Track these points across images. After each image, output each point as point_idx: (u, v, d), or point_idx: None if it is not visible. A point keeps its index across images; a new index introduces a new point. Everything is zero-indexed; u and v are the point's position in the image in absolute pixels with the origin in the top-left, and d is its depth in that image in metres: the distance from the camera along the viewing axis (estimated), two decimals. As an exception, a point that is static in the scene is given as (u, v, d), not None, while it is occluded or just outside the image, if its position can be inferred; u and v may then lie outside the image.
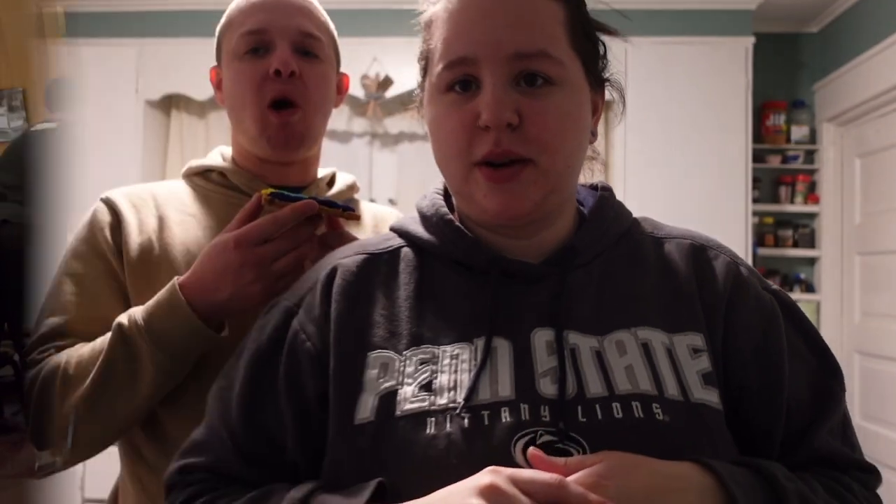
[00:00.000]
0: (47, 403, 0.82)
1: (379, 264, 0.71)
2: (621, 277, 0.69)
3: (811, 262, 3.38)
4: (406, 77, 3.12)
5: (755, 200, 3.22)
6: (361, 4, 3.14)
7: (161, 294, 0.82)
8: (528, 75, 0.63)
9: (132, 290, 0.90)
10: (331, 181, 1.08)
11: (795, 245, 3.35)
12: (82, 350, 0.84)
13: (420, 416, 0.60)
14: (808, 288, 3.33)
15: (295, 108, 0.92)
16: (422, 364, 0.63)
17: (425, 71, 0.71)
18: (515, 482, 0.53)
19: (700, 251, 0.72)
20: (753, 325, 0.68)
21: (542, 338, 0.64)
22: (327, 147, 4.12)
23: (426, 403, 0.60)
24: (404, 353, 0.64)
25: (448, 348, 0.64)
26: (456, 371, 0.62)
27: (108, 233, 0.91)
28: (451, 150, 0.66)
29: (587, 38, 0.69)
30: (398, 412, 0.60)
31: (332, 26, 1.01)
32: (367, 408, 0.61)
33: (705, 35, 3.07)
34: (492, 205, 0.65)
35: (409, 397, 0.61)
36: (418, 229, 0.73)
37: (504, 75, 0.63)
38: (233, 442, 0.67)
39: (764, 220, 3.35)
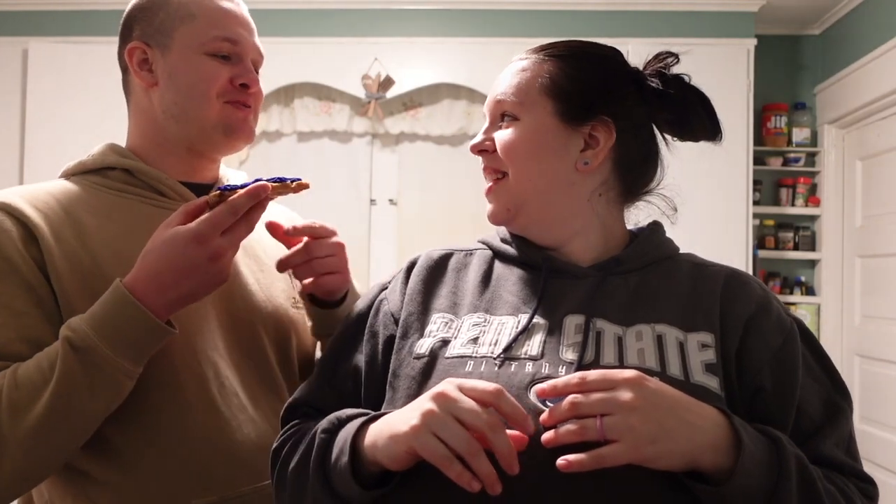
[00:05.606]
0: None
1: (456, 257, 0.90)
2: (653, 287, 0.82)
3: (812, 264, 3.38)
4: (407, 77, 3.12)
5: (756, 203, 3.22)
6: (362, 4, 3.14)
7: (105, 299, 0.80)
8: (501, 114, 0.85)
9: (67, 305, 0.85)
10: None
11: (796, 247, 3.35)
12: (20, 371, 0.79)
13: (463, 359, 0.76)
14: (809, 291, 3.33)
15: (250, 110, 1.00)
16: (474, 325, 0.80)
17: None
18: (461, 388, 0.66)
19: (734, 276, 0.83)
20: (773, 336, 0.78)
21: (573, 321, 0.78)
22: (327, 147, 4.10)
23: (470, 351, 0.77)
24: (463, 316, 0.81)
25: (497, 318, 0.80)
26: (499, 333, 0.78)
27: (20, 245, 0.84)
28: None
29: (570, 83, 0.83)
30: (446, 354, 0.77)
31: None
32: (424, 347, 0.79)
33: (707, 37, 3.07)
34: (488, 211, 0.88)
35: (458, 346, 0.78)
36: (494, 239, 0.91)
37: (492, 116, 0.87)
38: (328, 381, 0.86)
39: (765, 223, 3.34)
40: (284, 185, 0.85)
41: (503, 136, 0.84)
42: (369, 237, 3.25)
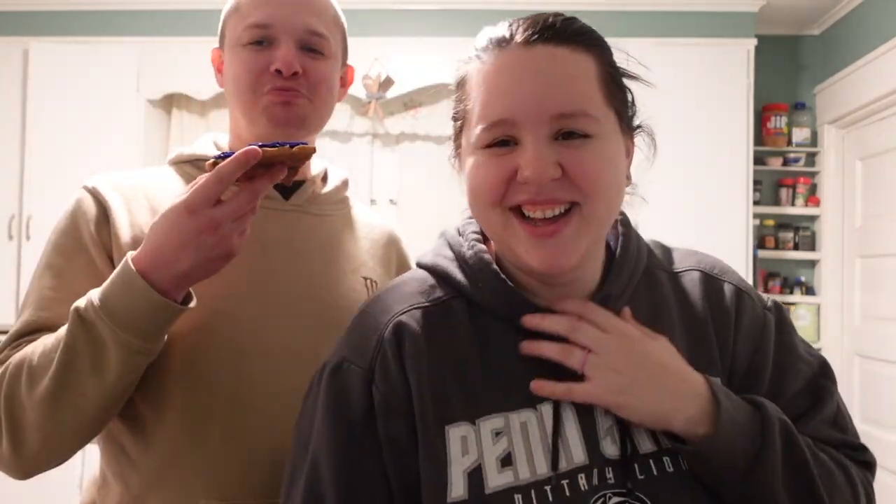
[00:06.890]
0: (17, 401, 0.77)
1: (434, 318, 0.72)
2: (649, 324, 0.73)
3: (812, 264, 3.38)
4: (407, 77, 3.12)
5: (756, 203, 3.22)
6: (362, 4, 3.14)
7: (115, 272, 0.78)
8: (567, 132, 0.66)
9: None
10: (324, 177, 1.08)
11: (796, 248, 3.35)
12: (46, 340, 0.79)
13: (507, 493, 0.65)
14: (809, 291, 3.33)
15: (298, 94, 0.93)
16: (496, 435, 0.67)
17: (461, 129, 0.75)
18: None
19: (709, 282, 0.78)
20: (746, 348, 0.76)
21: None
22: (328, 147, 4.11)
23: (511, 479, 0.66)
24: (477, 421, 0.68)
25: (515, 416, 0.68)
26: (528, 440, 0.67)
27: (93, 227, 0.87)
28: (488, 199, 0.69)
29: (618, 87, 0.72)
30: (487, 490, 0.65)
31: (342, 19, 1.01)
32: (458, 485, 0.66)
33: (707, 37, 3.07)
34: (535, 260, 0.67)
35: (495, 474, 0.66)
36: (459, 277, 0.74)
37: (544, 134, 0.66)
38: None
39: (765, 223, 3.34)
40: (281, 151, 0.77)
41: (585, 160, 0.66)
42: (369, 237, 3.25)
